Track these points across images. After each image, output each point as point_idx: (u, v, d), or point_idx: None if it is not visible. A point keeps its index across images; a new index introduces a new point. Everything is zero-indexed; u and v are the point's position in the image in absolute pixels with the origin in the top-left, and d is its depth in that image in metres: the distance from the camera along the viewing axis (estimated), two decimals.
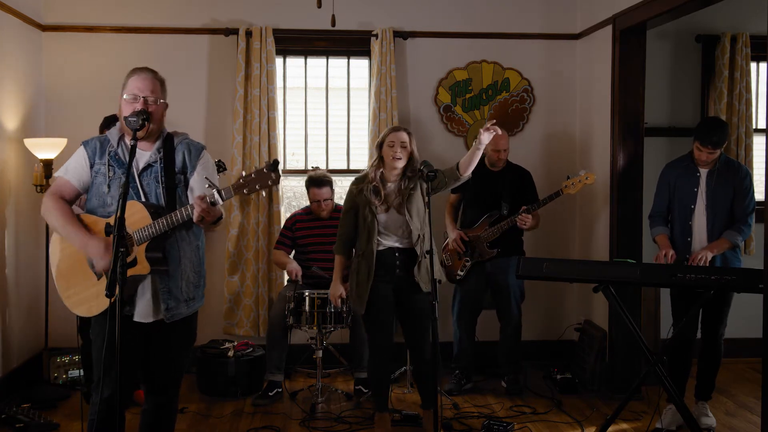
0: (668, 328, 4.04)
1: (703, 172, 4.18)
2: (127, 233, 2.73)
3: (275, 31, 5.31)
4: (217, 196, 2.70)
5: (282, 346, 4.75)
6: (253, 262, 5.30)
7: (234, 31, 5.29)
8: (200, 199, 2.69)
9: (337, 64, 5.66)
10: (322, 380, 4.63)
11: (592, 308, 5.36)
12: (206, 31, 5.38)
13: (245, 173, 2.73)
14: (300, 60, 5.62)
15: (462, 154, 5.42)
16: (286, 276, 5.00)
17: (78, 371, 4.92)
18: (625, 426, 4.27)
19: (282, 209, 5.40)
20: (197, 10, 5.37)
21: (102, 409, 2.80)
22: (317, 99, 5.65)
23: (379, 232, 3.95)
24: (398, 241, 3.99)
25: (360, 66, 5.68)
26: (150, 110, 2.85)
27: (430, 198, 3.70)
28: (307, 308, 4.46)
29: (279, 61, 5.53)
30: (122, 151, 2.94)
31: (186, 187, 2.96)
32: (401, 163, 3.95)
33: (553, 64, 5.66)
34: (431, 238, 3.67)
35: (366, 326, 4.13)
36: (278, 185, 3.77)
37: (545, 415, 4.46)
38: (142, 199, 2.90)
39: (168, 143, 2.97)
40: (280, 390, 4.74)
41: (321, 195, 4.85)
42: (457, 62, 5.59)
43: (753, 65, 5.71)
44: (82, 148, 2.97)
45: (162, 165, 2.92)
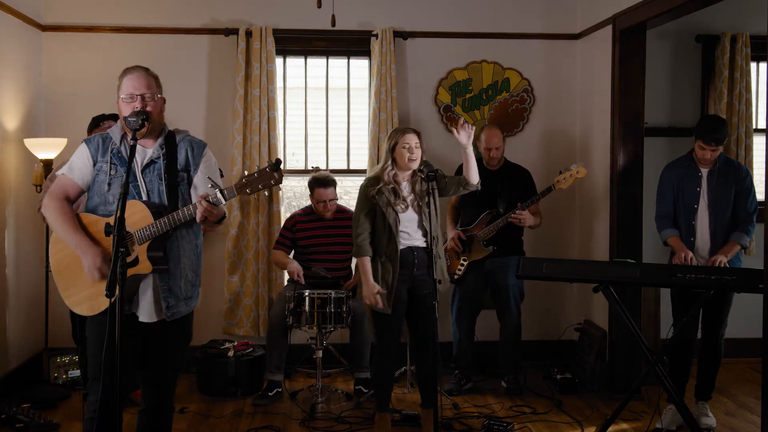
0: (668, 328, 4.04)
1: (705, 171, 4.18)
2: (128, 232, 2.73)
3: (275, 31, 5.31)
4: (219, 196, 2.70)
5: (282, 346, 4.75)
6: (253, 262, 5.30)
7: (234, 31, 5.29)
8: (203, 199, 2.69)
9: (337, 64, 5.66)
10: (322, 380, 4.63)
11: (592, 308, 5.36)
12: (206, 31, 5.38)
13: (248, 173, 2.73)
14: (300, 60, 5.62)
15: (462, 154, 5.48)
16: (286, 276, 5.00)
17: (78, 371, 4.91)
18: (625, 426, 4.27)
19: (282, 209, 5.39)
20: (197, 10, 5.38)
21: (100, 408, 2.80)
22: (317, 99, 5.65)
23: (399, 233, 3.97)
24: (416, 240, 4.00)
25: (360, 66, 5.68)
26: (149, 108, 2.85)
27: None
28: (307, 308, 4.46)
29: (279, 61, 5.53)
30: (125, 148, 2.93)
31: (189, 184, 2.96)
32: (416, 165, 3.96)
33: (553, 64, 5.66)
34: (431, 237, 3.67)
35: (376, 324, 4.09)
36: (280, 183, 3.76)
37: (545, 415, 4.46)
38: (144, 197, 2.90)
39: (170, 140, 2.96)
40: (280, 390, 4.74)
41: (326, 195, 4.85)
42: (457, 62, 5.59)
43: (753, 65, 5.70)
44: (84, 145, 2.96)
45: (165, 162, 2.92)
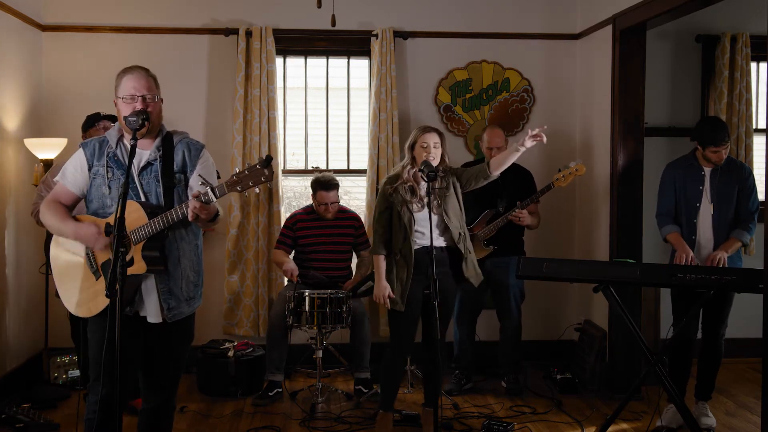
0: (668, 328, 4.04)
1: (708, 170, 4.18)
2: (125, 233, 2.73)
3: (275, 31, 5.30)
4: (210, 194, 2.69)
5: (282, 346, 4.75)
6: (253, 262, 5.30)
7: (234, 31, 5.29)
8: (193, 198, 2.69)
9: (337, 64, 5.66)
10: (322, 380, 4.63)
11: (592, 308, 5.36)
12: (206, 31, 5.38)
13: (238, 170, 2.73)
14: (300, 60, 5.62)
15: (462, 154, 5.50)
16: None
17: (78, 371, 4.92)
18: (625, 426, 4.27)
19: (282, 209, 5.39)
20: (197, 10, 5.37)
21: (100, 409, 2.80)
22: (317, 99, 5.65)
23: (415, 231, 3.95)
24: (437, 240, 3.95)
25: (360, 66, 5.68)
26: (149, 109, 2.85)
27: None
28: (307, 308, 4.45)
29: (279, 61, 5.53)
30: (121, 151, 2.93)
31: (186, 186, 2.96)
32: (434, 164, 3.94)
33: (553, 64, 5.66)
34: (432, 238, 3.67)
35: (391, 322, 4.10)
36: (272, 182, 3.76)
37: (545, 415, 4.46)
38: (141, 198, 2.89)
39: (167, 142, 2.96)
40: (280, 390, 4.74)
41: (329, 198, 4.85)
42: (457, 62, 5.59)
43: (753, 65, 5.70)
44: (80, 150, 2.96)
45: (161, 164, 2.91)
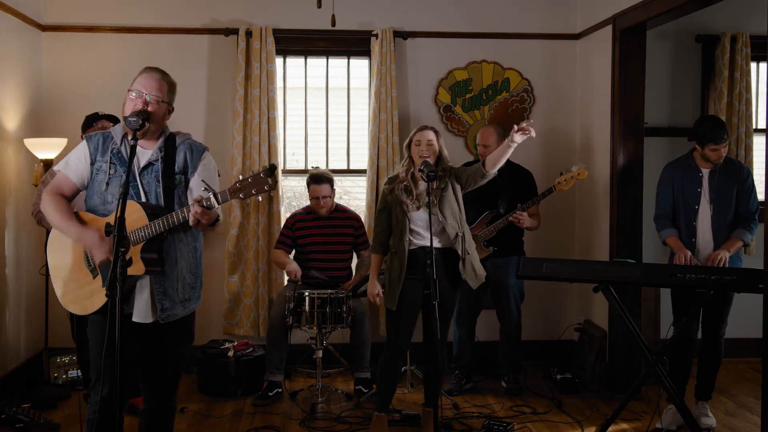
0: (668, 328, 4.04)
1: (705, 171, 4.18)
2: (125, 233, 2.73)
3: (275, 31, 5.30)
4: (213, 199, 2.69)
5: (282, 346, 4.75)
6: (253, 262, 5.30)
7: (234, 31, 5.29)
8: (195, 203, 2.68)
9: (337, 64, 5.66)
10: (322, 380, 4.63)
11: (592, 308, 5.36)
12: (206, 31, 5.38)
13: (242, 177, 2.72)
14: (300, 60, 5.62)
15: (462, 154, 5.50)
16: (287, 276, 5.00)
17: (77, 371, 4.92)
18: (625, 426, 4.27)
19: (282, 209, 5.39)
20: (197, 10, 5.37)
21: (101, 409, 2.79)
22: (317, 99, 5.65)
23: (411, 231, 3.93)
24: (433, 240, 3.91)
25: (360, 66, 5.68)
26: (150, 110, 2.84)
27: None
28: (307, 308, 4.45)
29: (279, 61, 5.53)
30: (125, 148, 2.92)
31: (186, 187, 2.95)
32: (430, 161, 3.90)
33: (553, 64, 5.66)
34: (431, 237, 3.67)
35: (388, 323, 4.07)
36: (274, 190, 3.77)
37: (545, 415, 4.46)
38: (142, 198, 2.89)
39: (170, 143, 2.96)
40: (280, 390, 4.74)
41: (320, 192, 4.85)
42: (457, 62, 5.59)
43: (753, 65, 5.71)
44: (84, 142, 2.95)
45: (162, 164, 2.91)
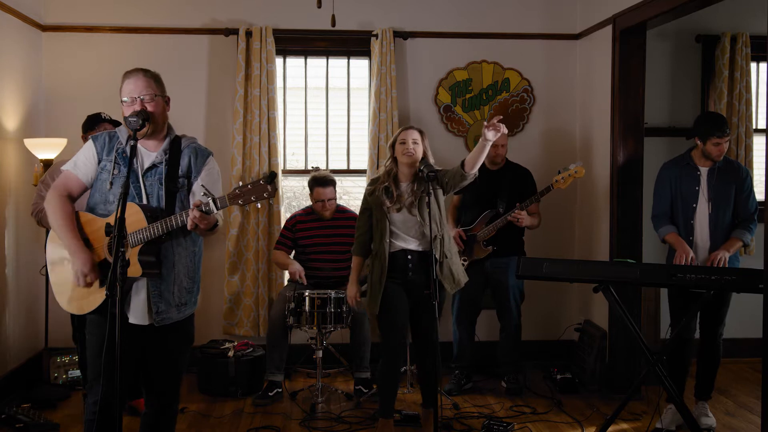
0: (668, 328, 4.03)
1: (704, 170, 4.17)
2: (124, 233, 2.73)
3: (275, 31, 5.31)
4: (212, 204, 2.69)
5: (282, 346, 4.75)
6: (253, 262, 5.30)
7: (234, 31, 5.29)
8: (194, 207, 2.68)
9: (337, 64, 5.67)
10: (322, 380, 4.63)
11: (592, 308, 5.36)
12: (206, 31, 5.38)
13: (242, 183, 2.72)
14: (300, 60, 5.62)
15: (462, 154, 5.45)
16: (287, 276, 5.00)
17: (77, 371, 4.92)
18: (625, 426, 4.27)
19: (282, 209, 5.39)
20: (197, 10, 5.37)
21: (99, 410, 2.79)
22: (317, 99, 5.65)
23: (391, 233, 3.90)
24: (411, 243, 3.92)
25: (360, 66, 5.68)
26: (150, 109, 2.85)
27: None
28: (307, 308, 4.45)
29: (279, 61, 5.53)
30: (130, 149, 2.93)
31: (189, 191, 2.95)
32: (408, 160, 3.87)
33: (553, 64, 5.66)
34: (431, 238, 3.66)
35: (380, 327, 4.04)
36: (274, 197, 3.78)
37: (545, 415, 4.46)
38: (143, 200, 2.89)
39: (175, 146, 2.96)
40: (280, 390, 4.74)
41: (325, 195, 4.85)
42: (457, 62, 5.59)
43: (753, 65, 5.71)
44: (90, 142, 2.96)
45: (166, 167, 2.91)
